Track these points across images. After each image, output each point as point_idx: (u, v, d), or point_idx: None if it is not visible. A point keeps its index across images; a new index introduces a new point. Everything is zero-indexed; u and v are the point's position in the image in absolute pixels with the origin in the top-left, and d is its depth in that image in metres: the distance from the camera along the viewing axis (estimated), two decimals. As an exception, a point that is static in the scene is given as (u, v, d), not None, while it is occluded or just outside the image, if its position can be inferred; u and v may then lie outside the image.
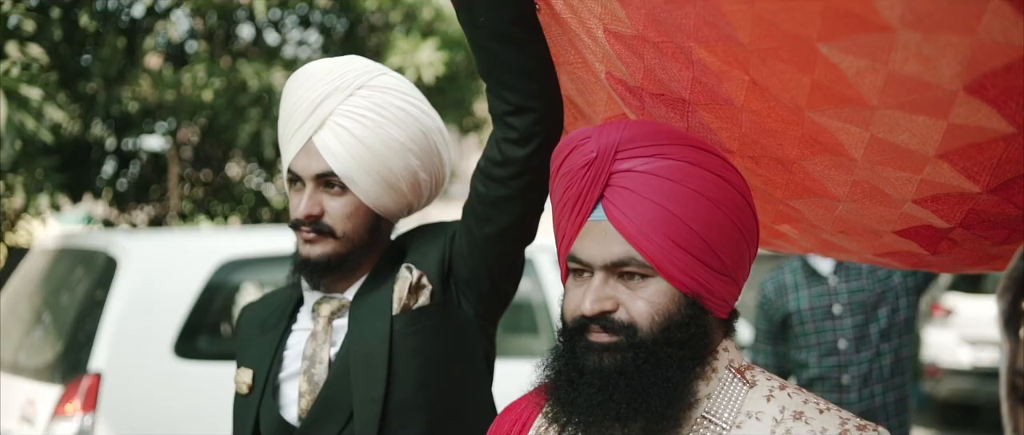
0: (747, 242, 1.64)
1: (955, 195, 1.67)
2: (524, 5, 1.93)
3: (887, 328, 4.40)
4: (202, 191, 8.95)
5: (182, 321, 4.98)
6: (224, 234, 6.17)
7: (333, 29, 8.80)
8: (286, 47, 8.74)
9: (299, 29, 8.83)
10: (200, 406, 4.85)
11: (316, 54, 8.68)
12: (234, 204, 8.94)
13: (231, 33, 8.52)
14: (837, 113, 1.56)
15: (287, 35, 8.83)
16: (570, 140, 1.66)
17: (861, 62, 1.43)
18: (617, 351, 1.55)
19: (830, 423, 1.56)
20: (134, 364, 4.82)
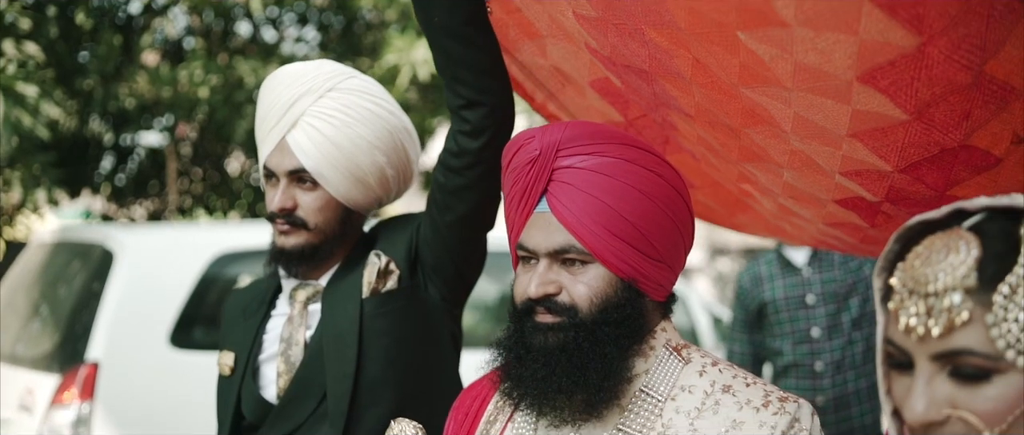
0: (680, 232, 1.75)
1: (873, 171, 1.77)
2: (476, 7, 2.04)
3: (859, 317, 4.50)
4: (200, 186, 9.02)
5: (178, 312, 5.05)
6: (218, 228, 6.24)
7: (330, 27, 8.87)
8: (283, 44, 8.80)
9: (297, 26, 8.90)
10: (195, 394, 4.76)
11: (313, 51, 8.74)
12: (232, 199, 9.01)
13: (228, 30, 8.59)
14: (764, 91, 1.67)
15: (284, 32, 8.90)
16: (517, 139, 1.78)
17: (772, 50, 1.55)
18: (560, 330, 1.67)
19: (755, 395, 1.68)
20: (131, 354, 4.87)
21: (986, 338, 1.08)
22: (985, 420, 1.08)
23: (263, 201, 7.89)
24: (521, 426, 1.78)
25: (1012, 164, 1.66)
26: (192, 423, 4.80)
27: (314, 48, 8.87)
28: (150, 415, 4.85)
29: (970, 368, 1.09)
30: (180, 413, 4.89)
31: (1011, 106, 1.54)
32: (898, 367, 1.16)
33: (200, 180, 9.04)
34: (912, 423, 1.12)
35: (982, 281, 1.09)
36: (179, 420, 4.88)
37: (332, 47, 8.66)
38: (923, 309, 1.11)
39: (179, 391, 4.94)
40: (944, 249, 1.13)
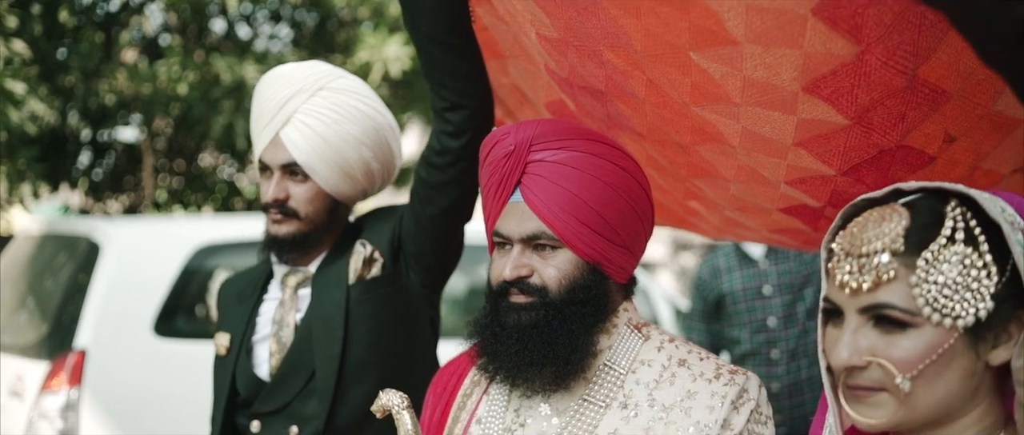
0: (642, 220, 1.90)
1: (817, 177, 1.89)
2: (460, 16, 2.16)
3: (813, 307, 4.61)
4: (176, 181, 9.03)
5: (161, 302, 5.13)
6: (201, 221, 6.29)
7: (303, 24, 8.89)
8: (257, 41, 8.82)
9: (270, 24, 8.92)
10: (178, 381, 5.03)
11: (287, 48, 8.76)
12: (207, 193, 9.02)
13: (204, 27, 8.61)
14: (714, 108, 1.79)
15: (258, 29, 8.91)
16: (494, 135, 1.91)
17: (723, 68, 1.66)
18: (532, 310, 1.81)
19: (707, 368, 1.83)
20: (117, 342, 4.95)
21: (908, 296, 1.25)
22: (899, 367, 1.25)
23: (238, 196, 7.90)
24: (495, 398, 1.92)
25: (945, 162, 1.79)
26: (174, 406, 4.99)
27: (287, 45, 8.88)
28: (135, 400, 4.95)
29: (890, 319, 1.26)
30: (163, 397, 5.01)
31: (943, 108, 1.66)
32: (831, 319, 1.33)
33: (175, 175, 9.05)
34: (837, 367, 1.29)
35: (908, 247, 1.26)
36: (162, 404, 5.00)
37: (305, 44, 8.68)
38: (856, 268, 1.28)
39: (162, 377, 5.04)
40: (879, 219, 1.30)
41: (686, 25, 1.62)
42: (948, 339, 1.24)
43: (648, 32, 1.69)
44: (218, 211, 8.96)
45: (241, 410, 2.48)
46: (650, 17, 1.65)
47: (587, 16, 1.77)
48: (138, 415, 4.95)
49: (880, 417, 1.28)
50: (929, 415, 1.28)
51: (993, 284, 1.24)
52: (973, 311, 1.23)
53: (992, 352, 1.27)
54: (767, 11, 1.51)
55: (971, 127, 1.73)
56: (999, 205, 1.25)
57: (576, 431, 1.82)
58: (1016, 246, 1.22)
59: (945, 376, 1.25)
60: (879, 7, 1.47)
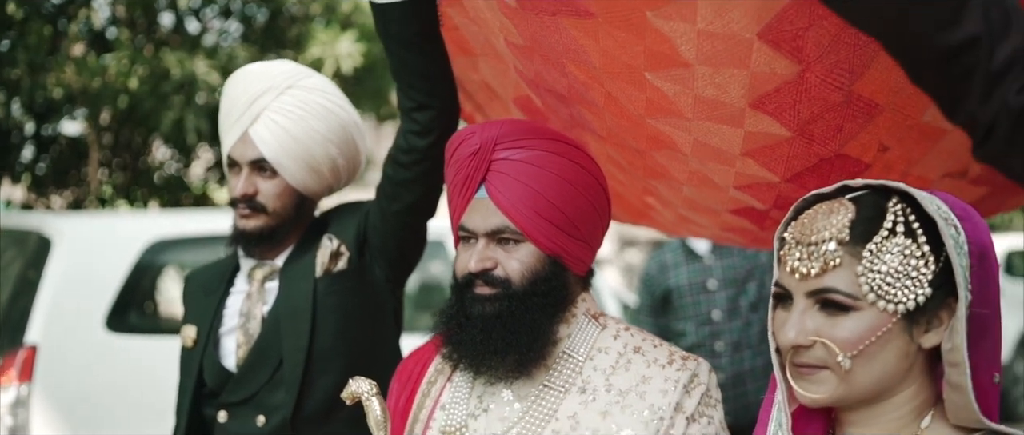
0: (599, 215, 1.99)
1: (763, 184, 1.99)
2: (429, 19, 2.22)
3: (756, 301, 4.73)
4: (122, 176, 8.98)
5: (113, 297, 5.10)
6: (152, 216, 6.29)
7: (254, 19, 8.88)
8: (207, 36, 8.80)
9: (220, 19, 8.89)
10: (130, 376, 5.01)
11: (236, 43, 8.74)
12: (153, 189, 8.97)
13: (153, 21, 8.56)
14: (667, 121, 1.88)
15: (208, 24, 8.89)
16: (459, 134, 1.99)
17: (676, 87, 1.75)
18: (496, 301, 1.89)
19: (661, 355, 1.93)
20: (68, 338, 4.92)
21: (853, 282, 1.35)
22: (841, 346, 1.35)
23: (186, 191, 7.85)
24: (459, 385, 2.00)
25: (879, 169, 1.92)
26: (126, 402, 4.97)
27: (237, 40, 8.86)
28: (86, 395, 4.92)
29: (835, 302, 1.36)
30: (115, 393, 5.00)
31: (876, 120, 1.78)
32: (781, 303, 1.44)
33: (121, 170, 9.00)
34: (785, 347, 1.40)
35: (853, 237, 1.36)
36: (114, 399, 4.99)
37: (255, 39, 8.67)
38: (805, 255, 1.38)
39: (114, 373, 5.02)
40: (828, 212, 1.40)
41: (642, 49, 1.70)
42: (887, 323, 1.34)
43: (606, 53, 1.77)
44: (165, 206, 8.90)
45: (208, 401, 2.52)
46: (608, 40, 1.73)
47: (550, 32, 1.85)
48: (89, 411, 4.93)
49: (823, 393, 1.39)
50: (867, 392, 1.38)
51: (929, 273, 1.34)
52: (912, 297, 1.34)
53: (924, 336, 1.38)
54: (717, 36, 1.61)
55: (902, 137, 1.84)
56: (935, 203, 1.36)
57: (537, 415, 1.90)
58: (949, 239, 1.33)
59: (882, 356, 1.36)
60: (818, 29, 1.57)
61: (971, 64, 1.36)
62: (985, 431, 1.38)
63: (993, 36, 1.34)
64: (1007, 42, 1.34)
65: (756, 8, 1.57)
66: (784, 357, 1.42)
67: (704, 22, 1.60)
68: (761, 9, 1.57)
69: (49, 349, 4.85)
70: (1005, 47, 1.34)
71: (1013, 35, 1.34)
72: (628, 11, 1.64)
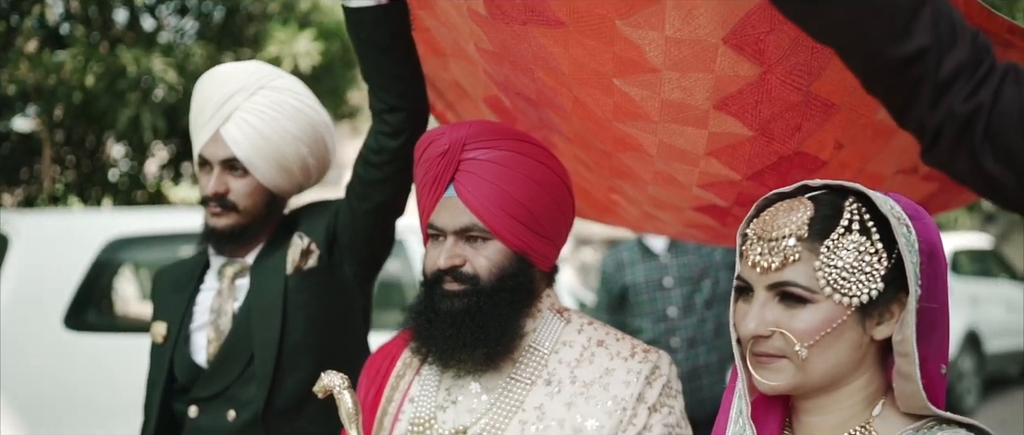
0: (564, 213, 2.05)
1: (725, 182, 2.06)
2: (401, 23, 2.26)
3: (710, 298, 4.84)
4: (74, 174, 8.92)
5: (72, 295, 5.08)
6: (112, 214, 6.23)
7: (210, 16, 8.84)
8: (163, 33, 8.73)
9: (176, 16, 8.83)
10: (88, 374, 5.00)
11: (191, 40, 8.69)
12: (107, 187, 8.91)
13: (107, 18, 8.50)
14: (634, 125, 1.94)
15: (164, 21, 8.83)
16: (429, 135, 2.04)
17: (643, 92, 1.81)
18: (464, 296, 1.95)
19: (623, 348, 1.99)
20: (26, 336, 4.90)
21: (810, 276, 1.42)
22: (798, 336, 1.43)
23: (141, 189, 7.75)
24: (427, 378, 2.05)
25: (836, 165, 1.99)
26: (84, 400, 4.94)
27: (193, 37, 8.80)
28: (45, 393, 4.90)
29: (793, 295, 1.43)
30: (74, 391, 4.98)
31: (833, 118, 1.85)
32: (742, 295, 1.51)
33: (74, 168, 8.92)
34: (745, 337, 1.47)
35: (812, 234, 1.44)
36: (73, 397, 4.96)
37: (212, 37, 8.62)
38: (766, 250, 1.45)
39: (73, 371, 5.00)
40: (788, 209, 1.48)
41: (611, 56, 1.76)
42: (842, 315, 1.42)
43: (575, 60, 1.83)
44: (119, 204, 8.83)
45: (178, 396, 2.54)
46: (577, 48, 1.79)
47: (520, 40, 1.90)
48: (48, 408, 4.91)
49: (781, 381, 1.46)
50: (822, 380, 1.46)
51: (882, 269, 1.42)
52: (866, 292, 1.41)
53: (876, 328, 1.45)
54: (684, 42, 1.67)
55: (857, 135, 1.91)
56: (889, 203, 1.44)
57: (504, 406, 1.96)
58: (901, 238, 1.41)
59: (836, 347, 1.43)
60: (779, 33, 1.64)
61: (921, 74, 1.43)
62: (932, 418, 1.46)
63: (941, 48, 1.41)
64: (954, 54, 1.42)
65: (721, 14, 1.63)
66: (744, 347, 1.49)
67: (672, 29, 1.66)
68: (726, 15, 1.63)
69: (7, 347, 4.82)
70: (952, 58, 1.42)
71: (959, 47, 1.42)
72: (598, 20, 1.69)
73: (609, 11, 1.67)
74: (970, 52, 1.42)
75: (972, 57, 1.42)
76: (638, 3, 1.64)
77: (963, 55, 1.42)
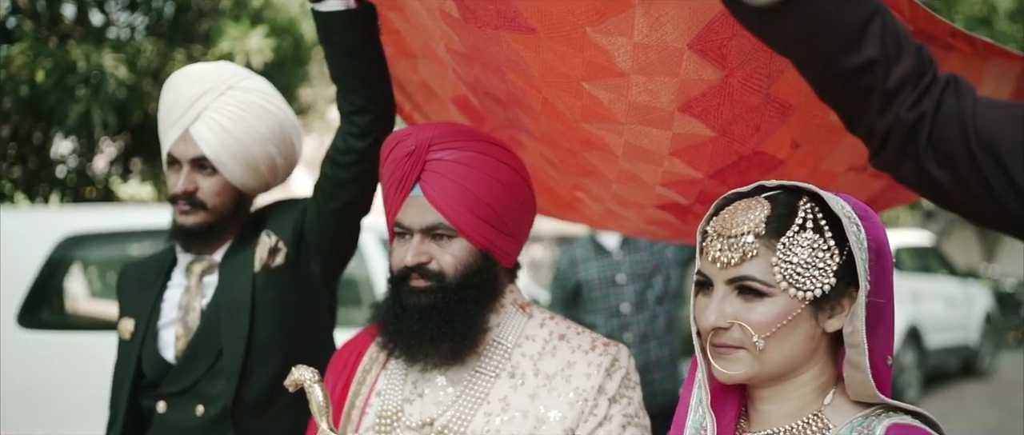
0: (526, 212, 2.12)
1: (687, 180, 2.12)
2: (370, 27, 2.30)
3: (662, 294, 4.93)
4: (21, 170, 8.82)
5: (25, 293, 5.07)
6: (65, 212, 6.19)
7: (161, 12, 8.77)
8: (113, 29, 8.66)
9: (126, 12, 8.75)
10: (42, 372, 4.99)
11: (140, 35, 8.63)
12: (54, 183, 8.84)
13: (56, 12, 8.42)
14: (601, 126, 1.99)
15: (112, 16, 8.77)
16: (395, 136, 2.09)
17: (611, 95, 1.87)
18: (431, 293, 2.01)
19: (584, 341, 2.06)
20: None
21: (767, 271, 1.49)
22: (756, 328, 1.50)
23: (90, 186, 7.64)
24: (393, 372, 2.11)
25: (792, 164, 2.07)
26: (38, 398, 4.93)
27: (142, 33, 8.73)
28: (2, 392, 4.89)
29: (751, 289, 1.50)
30: (27, 389, 4.97)
31: (790, 119, 1.93)
32: (702, 289, 1.58)
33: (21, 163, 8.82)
34: (705, 329, 1.54)
35: (768, 231, 1.51)
36: (26, 395, 4.96)
37: (163, 33, 8.56)
38: (726, 246, 1.52)
39: (26, 369, 4.99)
40: (746, 208, 1.54)
41: (580, 61, 1.82)
42: (797, 308, 1.50)
43: (545, 64, 1.89)
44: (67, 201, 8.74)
45: (146, 392, 2.56)
46: (548, 53, 1.85)
47: (491, 43, 1.96)
48: (5, 407, 4.88)
49: (739, 370, 1.53)
50: (777, 370, 1.54)
51: (834, 265, 1.50)
52: (819, 286, 1.49)
53: (828, 321, 1.53)
54: (651, 47, 1.74)
55: (812, 134, 1.99)
56: (840, 203, 1.52)
57: (469, 399, 2.02)
58: (852, 236, 1.48)
59: (791, 338, 1.51)
60: (740, 39, 1.71)
61: (869, 84, 1.53)
62: (879, 405, 1.54)
63: (889, 60, 1.51)
64: (900, 65, 1.52)
65: (687, 21, 1.70)
66: (704, 339, 1.56)
67: (640, 36, 1.72)
68: (692, 22, 1.70)
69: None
70: (899, 69, 1.52)
71: (905, 59, 1.52)
72: (569, 27, 1.75)
73: (580, 18, 1.73)
74: (915, 64, 1.52)
75: (917, 69, 1.53)
76: (608, 11, 1.70)
77: (908, 67, 1.52)
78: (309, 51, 9.48)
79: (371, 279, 6.03)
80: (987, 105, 1.52)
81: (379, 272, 5.65)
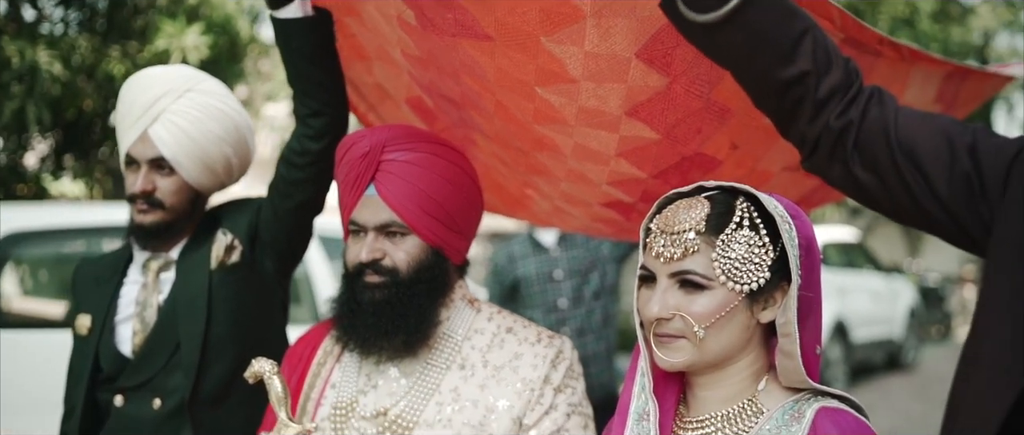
0: (475, 210, 2.20)
1: (632, 180, 2.21)
2: (326, 33, 2.35)
3: (598, 290, 5.00)
4: None
5: None
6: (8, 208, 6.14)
7: (94, 7, 8.66)
8: (47, 24, 8.54)
9: (61, 8, 8.63)
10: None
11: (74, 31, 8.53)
12: None
13: None
14: (551, 128, 2.08)
15: (46, 11, 8.62)
16: (350, 137, 2.15)
17: (562, 99, 1.96)
18: (385, 288, 2.09)
19: (530, 334, 2.16)
20: None
21: (707, 265, 1.58)
22: (696, 319, 1.59)
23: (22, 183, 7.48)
24: (348, 365, 2.18)
25: (731, 164, 2.18)
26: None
27: (74, 28, 8.62)
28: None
29: (692, 282, 1.59)
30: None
31: (728, 122, 2.03)
32: (644, 283, 1.66)
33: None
34: (648, 320, 1.63)
35: (708, 228, 1.60)
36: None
37: (98, 29, 8.45)
38: (669, 242, 1.61)
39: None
40: (687, 207, 1.63)
41: (534, 67, 1.90)
42: (734, 300, 1.60)
43: (500, 69, 1.96)
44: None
45: (103, 386, 2.60)
46: (503, 59, 1.93)
47: (448, 50, 2.03)
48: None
49: (680, 358, 1.63)
50: (715, 358, 1.64)
51: (769, 260, 1.60)
52: (755, 280, 1.59)
53: (762, 312, 1.64)
54: (601, 56, 1.83)
55: (749, 137, 2.09)
56: (773, 202, 1.62)
57: (421, 390, 2.10)
58: (785, 233, 1.59)
59: (729, 328, 1.61)
60: (684, 48, 1.81)
61: (802, 94, 1.65)
62: (809, 390, 1.65)
63: (819, 72, 1.64)
64: (830, 77, 1.64)
65: (635, 32, 1.79)
66: (648, 329, 1.65)
67: (591, 45, 1.81)
68: (639, 33, 1.79)
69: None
70: (828, 81, 1.64)
71: (834, 71, 1.65)
72: (524, 37, 1.84)
73: (535, 29, 1.81)
74: (843, 76, 1.65)
75: (844, 81, 1.65)
76: (561, 22, 1.79)
77: (837, 79, 1.64)
78: (245, 48, 9.44)
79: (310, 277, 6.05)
80: (907, 114, 1.65)
81: (319, 271, 5.68)
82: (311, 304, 5.82)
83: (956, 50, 16.06)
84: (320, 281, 5.69)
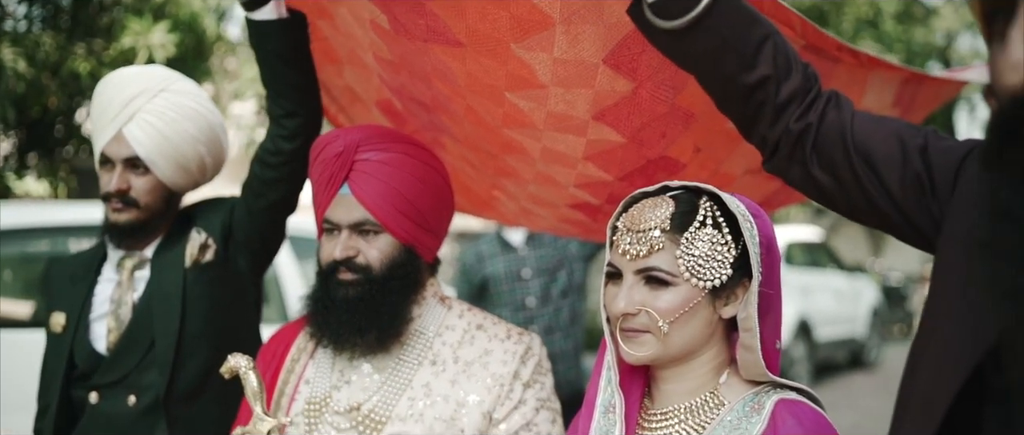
0: (446, 209, 2.24)
1: (599, 182, 2.26)
2: (301, 35, 2.39)
3: (566, 288, 5.05)
4: None
5: None
6: None
7: (59, 4, 8.61)
8: (8, 21, 8.45)
9: (24, 5, 8.56)
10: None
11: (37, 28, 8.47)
12: None
13: None
14: (520, 132, 2.12)
15: (9, 8, 8.54)
16: (324, 137, 2.18)
17: (531, 104, 2.00)
18: (358, 285, 2.12)
19: (499, 331, 2.21)
20: None
21: (672, 262, 1.63)
22: (661, 314, 1.64)
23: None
24: (321, 361, 2.22)
25: (694, 167, 2.23)
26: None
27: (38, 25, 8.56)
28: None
29: (657, 278, 1.64)
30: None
31: (692, 126, 2.08)
32: (611, 279, 1.71)
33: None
34: (615, 315, 1.68)
35: (673, 227, 1.64)
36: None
37: (63, 26, 8.40)
38: (635, 240, 1.65)
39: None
40: (653, 205, 1.68)
41: (504, 73, 1.95)
42: (698, 296, 1.65)
43: (471, 75, 2.00)
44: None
45: (78, 383, 2.62)
46: (474, 65, 1.97)
47: (419, 55, 2.07)
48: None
49: (645, 352, 1.68)
50: (679, 352, 1.69)
51: (731, 258, 1.66)
52: (717, 276, 1.65)
53: (724, 308, 1.69)
54: (569, 62, 1.88)
55: (712, 140, 2.15)
56: (736, 202, 1.68)
57: (394, 385, 2.14)
58: (746, 232, 1.65)
59: (692, 323, 1.67)
60: (649, 54, 1.86)
61: (763, 98, 1.72)
62: (769, 383, 1.71)
63: (780, 77, 1.70)
64: (790, 82, 1.71)
65: (603, 39, 1.84)
66: (614, 324, 1.70)
67: (560, 52, 1.86)
68: (606, 39, 1.84)
69: None
70: (788, 86, 1.71)
71: (793, 76, 1.71)
72: (494, 43, 1.88)
73: (505, 35, 1.86)
74: (802, 81, 1.72)
75: (804, 85, 1.72)
76: (531, 29, 1.83)
77: (797, 84, 1.71)
78: (211, 46, 9.40)
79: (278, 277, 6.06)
80: (863, 118, 1.72)
81: (287, 271, 5.69)
82: (280, 303, 5.83)
83: (919, 51, 16.25)
84: (289, 281, 5.70)
